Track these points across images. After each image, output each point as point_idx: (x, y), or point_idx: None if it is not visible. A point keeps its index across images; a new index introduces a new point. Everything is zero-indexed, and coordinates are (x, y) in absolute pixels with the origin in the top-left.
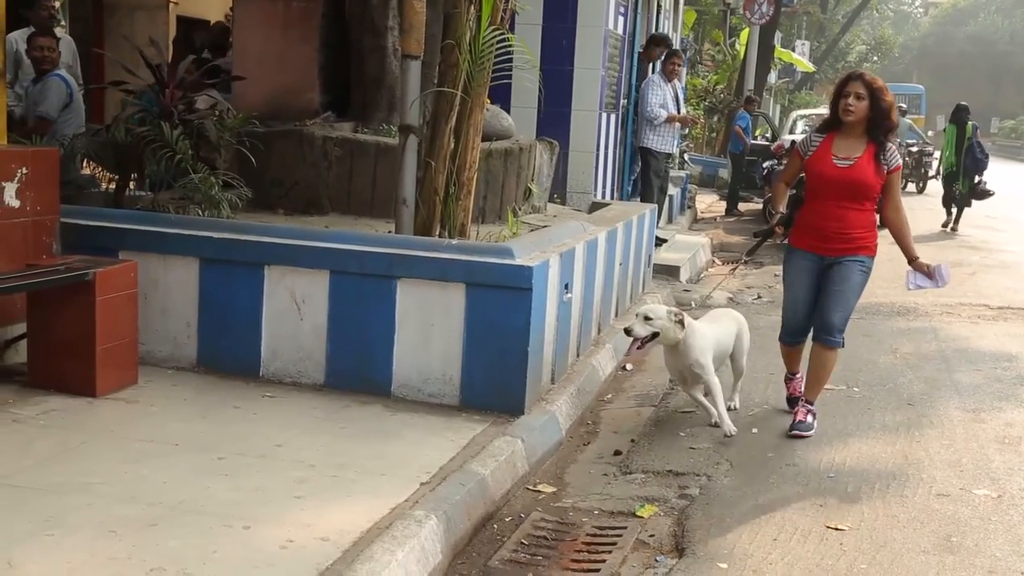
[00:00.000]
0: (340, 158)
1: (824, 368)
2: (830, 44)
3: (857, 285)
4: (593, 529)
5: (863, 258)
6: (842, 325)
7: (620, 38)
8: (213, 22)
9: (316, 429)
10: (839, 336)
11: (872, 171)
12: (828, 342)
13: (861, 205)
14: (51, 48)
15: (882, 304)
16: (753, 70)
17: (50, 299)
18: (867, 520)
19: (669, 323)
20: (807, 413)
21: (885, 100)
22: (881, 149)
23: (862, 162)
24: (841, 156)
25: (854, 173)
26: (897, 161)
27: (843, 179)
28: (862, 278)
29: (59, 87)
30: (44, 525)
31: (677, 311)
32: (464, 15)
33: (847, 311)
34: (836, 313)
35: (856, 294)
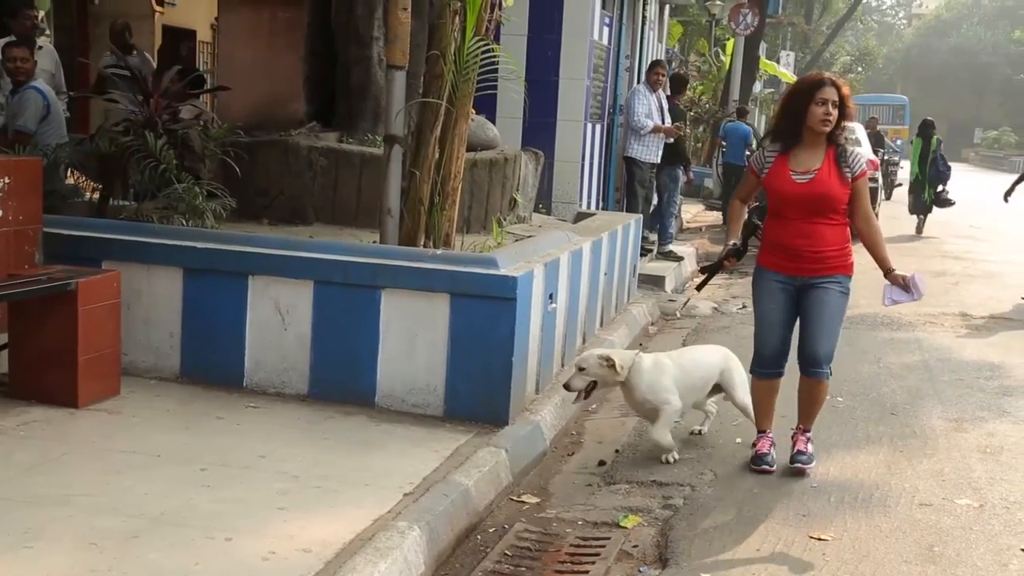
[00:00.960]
0: (325, 168)
1: (815, 401)
2: (815, 55)
3: (839, 309)
4: (577, 540)
5: (840, 278)
6: (830, 356)
7: (605, 49)
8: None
9: (300, 440)
10: (827, 367)
11: (836, 182)
12: (817, 375)
13: (831, 220)
14: (25, 59)
15: (866, 314)
16: (738, 81)
17: (32, 309)
18: (850, 530)
19: (600, 369)
20: (807, 442)
21: (851, 108)
22: (842, 155)
23: (823, 174)
24: (800, 171)
25: (816, 187)
26: (862, 166)
27: (806, 195)
28: (842, 300)
29: (36, 100)
30: (23, 537)
31: (606, 355)
32: (449, 26)
33: (834, 339)
34: (822, 344)
35: (840, 319)
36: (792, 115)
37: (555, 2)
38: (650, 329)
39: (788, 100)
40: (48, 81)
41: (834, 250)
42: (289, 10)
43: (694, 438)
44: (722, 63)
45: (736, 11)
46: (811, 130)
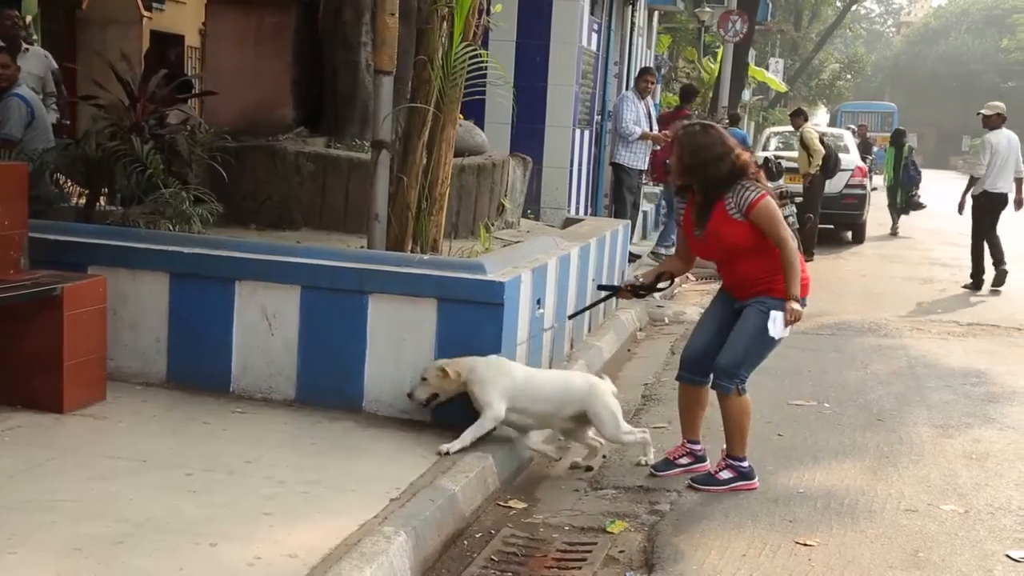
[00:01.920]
0: (313, 173)
1: (726, 417)
2: (804, 62)
3: (752, 327)
4: (563, 545)
5: (763, 298)
6: (729, 368)
7: (594, 55)
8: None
9: (286, 445)
10: (727, 380)
11: (729, 228)
12: (716, 386)
13: (752, 257)
14: (6, 65)
15: (852, 321)
16: (728, 88)
17: (17, 314)
18: (836, 535)
19: (438, 380)
20: (725, 467)
21: (693, 158)
22: (710, 204)
23: (713, 224)
24: (698, 226)
25: (713, 241)
26: (750, 197)
27: (707, 250)
28: (761, 319)
29: (19, 107)
30: (8, 543)
31: (440, 364)
32: (437, 31)
33: (736, 353)
34: (723, 354)
35: (751, 337)
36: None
37: (543, 8)
38: (638, 335)
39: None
40: (35, 84)
41: (760, 277)
42: (276, 15)
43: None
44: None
45: (725, 18)
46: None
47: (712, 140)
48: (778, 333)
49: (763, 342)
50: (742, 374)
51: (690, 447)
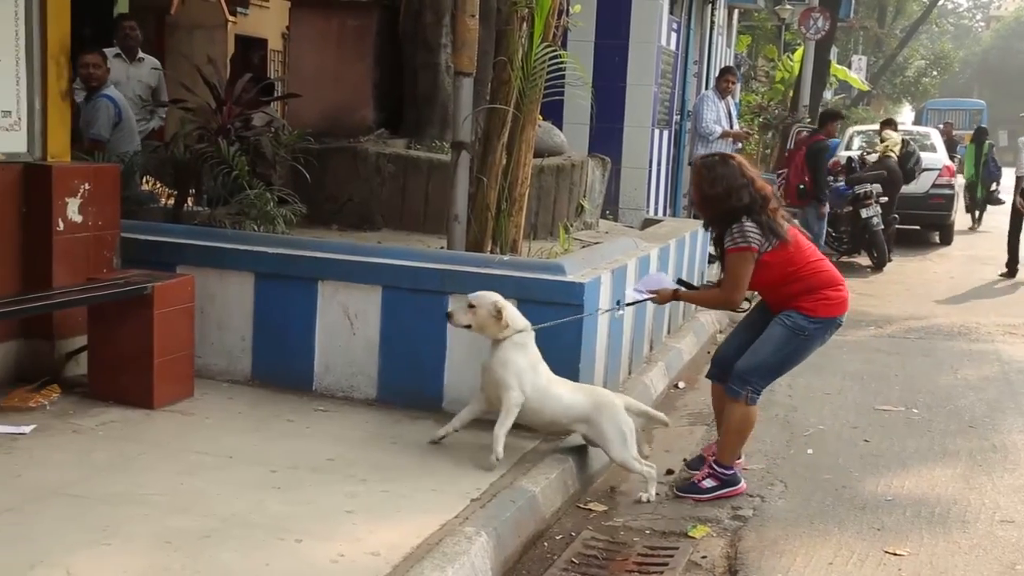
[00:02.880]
0: (393, 174)
1: (727, 423)
2: (888, 59)
3: (774, 335)
4: (644, 549)
5: (790, 312)
6: (742, 373)
7: (673, 54)
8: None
9: (367, 444)
10: (738, 385)
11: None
12: (727, 389)
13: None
14: (97, 65)
15: (941, 324)
16: (808, 86)
17: (110, 312)
18: (927, 546)
19: (487, 316)
20: (707, 476)
21: (709, 189)
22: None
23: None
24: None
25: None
26: (731, 244)
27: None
28: (783, 330)
29: (107, 108)
30: (101, 535)
31: (500, 304)
32: (516, 32)
33: (753, 360)
34: (744, 359)
35: (772, 345)
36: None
37: (623, 8)
38: (718, 337)
39: None
40: (144, 92)
41: (791, 298)
42: (358, 18)
43: (763, 447)
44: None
45: (807, 15)
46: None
47: (731, 172)
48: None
49: (784, 357)
50: (755, 382)
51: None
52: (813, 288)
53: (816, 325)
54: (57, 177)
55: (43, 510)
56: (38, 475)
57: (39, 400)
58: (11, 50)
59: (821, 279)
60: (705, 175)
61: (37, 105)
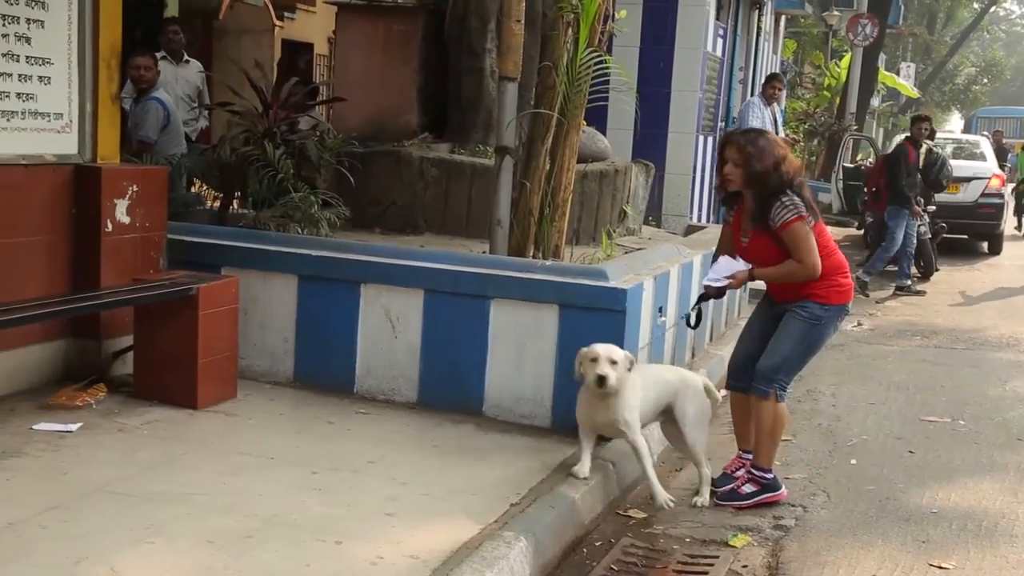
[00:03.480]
0: (436, 178)
1: (758, 423)
2: (937, 66)
3: (794, 330)
4: (684, 557)
5: (806, 303)
6: (767, 372)
7: (719, 60)
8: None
9: (408, 446)
10: (764, 384)
11: (766, 244)
12: (753, 389)
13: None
14: (148, 67)
15: (989, 336)
16: (855, 93)
17: (156, 313)
18: (973, 560)
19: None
20: (747, 480)
21: (759, 164)
22: (759, 215)
23: (754, 237)
24: (743, 230)
25: (753, 251)
26: (784, 218)
27: (749, 257)
28: (802, 324)
29: (156, 110)
30: (145, 533)
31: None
32: (562, 37)
33: (775, 357)
34: (763, 358)
35: (793, 340)
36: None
37: (668, 13)
38: None
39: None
40: (192, 93)
41: (800, 285)
42: (404, 23)
43: (805, 457)
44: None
45: (855, 21)
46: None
47: (772, 145)
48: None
49: (804, 349)
50: (781, 379)
51: (745, 458)
52: (826, 273)
53: (830, 313)
54: (106, 179)
55: (89, 507)
56: (84, 473)
57: (86, 399)
58: (64, 54)
59: (834, 263)
60: (752, 151)
61: (88, 108)
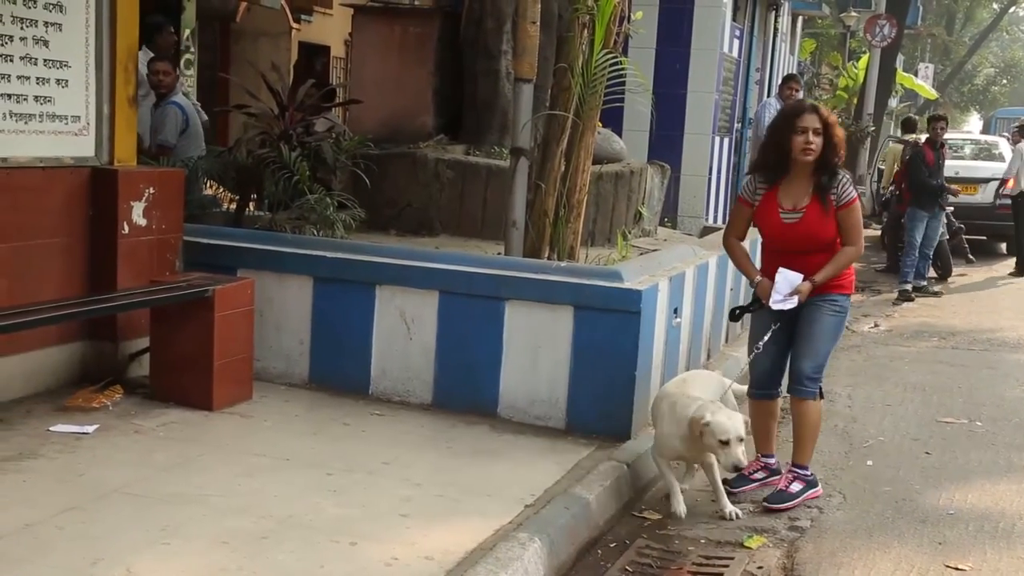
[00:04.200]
0: (452, 180)
1: (803, 423)
2: (955, 67)
3: (829, 327)
4: (699, 558)
5: (835, 296)
6: (814, 373)
7: (735, 61)
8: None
9: (423, 448)
10: (812, 386)
11: (823, 220)
12: (798, 392)
13: (825, 250)
14: (167, 72)
15: (1008, 337)
16: (873, 94)
17: (172, 315)
18: (990, 561)
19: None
20: (792, 480)
21: (838, 135)
22: (827, 188)
23: (810, 212)
24: (787, 207)
25: (803, 228)
26: (849, 195)
27: (794, 235)
28: (835, 319)
29: (175, 114)
30: (161, 534)
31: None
32: (577, 39)
33: (819, 357)
34: (805, 360)
35: (829, 336)
36: (776, 147)
37: (685, 15)
38: None
39: (771, 131)
40: None
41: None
42: (420, 25)
43: (821, 458)
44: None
45: (872, 22)
46: (796, 161)
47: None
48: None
49: (836, 341)
50: (820, 377)
51: (764, 461)
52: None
53: (849, 301)
54: (123, 181)
55: (105, 508)
56: (100, 474)
57: (102, 400)
58: (81, 57)
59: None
60: (833, 119)
61: (105, 111)
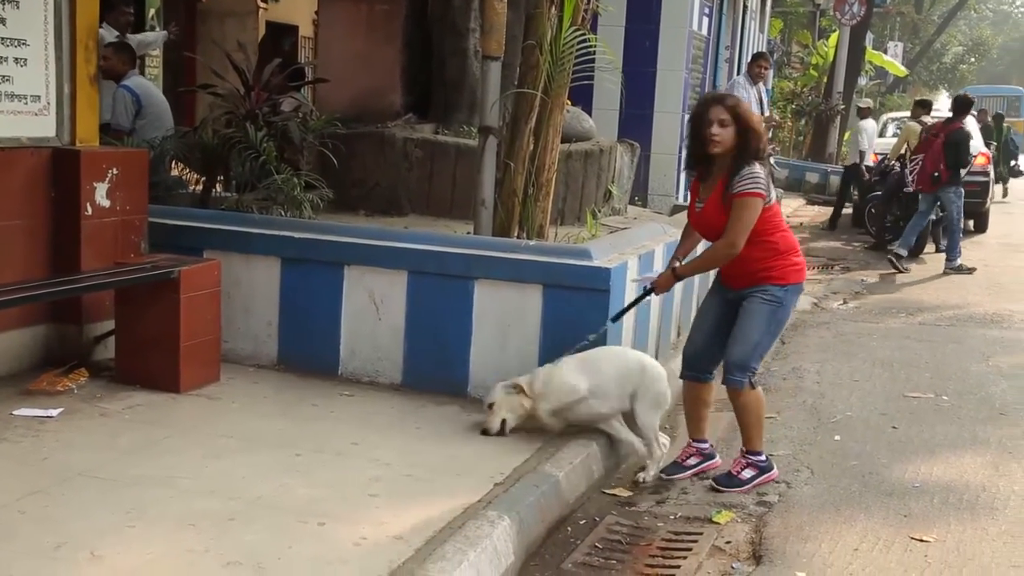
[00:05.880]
0: (420, 159)
1: (740, 412)
2: (924, 45)
3: (760, 317)
4: (668, 534)
5: (767, 287)
6: (741, 362)
7: (704, 39)
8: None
9: (392, 428)
10: (740, 375)
11: (720, 210)
12: (728, 381)
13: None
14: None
15: (974, 312)
16: (843, 73)
17: (137, 297)
18: (954, 532)
19: (509, 397)
20: (746, 466)
21: (750, 124)
22: (730, 178)
23: (711, 201)
24: (701, 197)
25: (704, 217)
26: (743, 188)
27: (701, 223)
28: (767, 308)
29: (123, 98)
30: (126, 517)
31: (513, 383)
32: (545, 15)
33: (747, 346)
34: (733, 349)
35: (760, 327)
36: (693, 138)
37: None
38: None
39: (689, 123)
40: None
41: (756, 265)
42: (387, 3)
43: (789, 433)
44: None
45: (842, 1)
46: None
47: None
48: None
49: (771, 332)
50: (753, 367)
51: (697, 446)
52: (781, 252)
53: (788, 292)
54: (85, 162)
55: (69, 492)
56: (65, 458)
57: (67, 384)
58: (40, 35)
59: (788, 242)
60: (742, 110)
61: (66, 90)
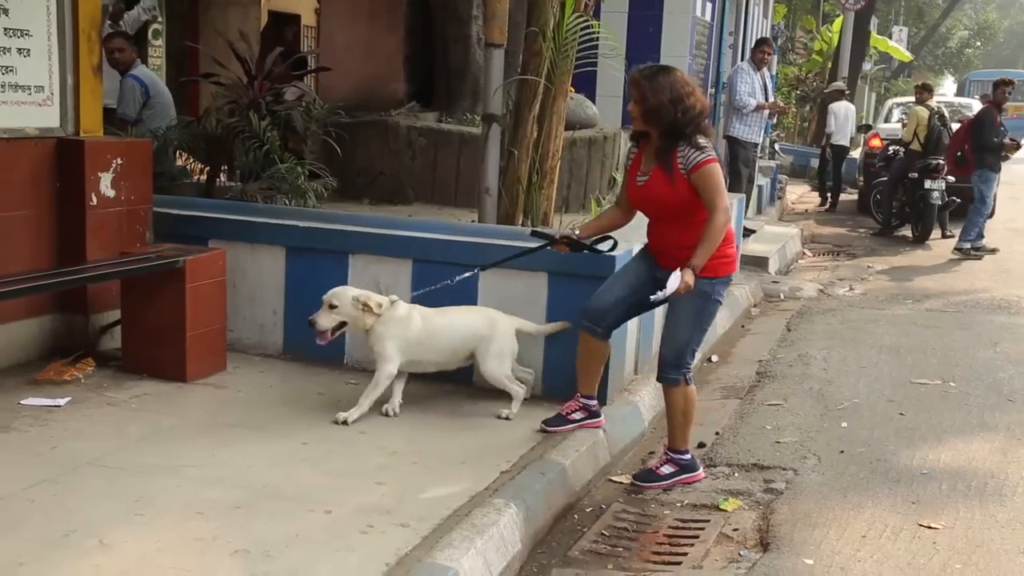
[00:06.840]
0: (424, 148)
1: (671, 409)
2: (929, 30)
3: (687, 313)
4: (675, 521)
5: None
6: (675, 360)
7: (708, 25)
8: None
9: (398, 416)
10: (673, 372)
11: (667, 185)
12: (661, 378)
13: (684, 222)
14: (120, 48)
15: (981, 298)
16: (847, 58)
17: (143, 286)
18: (963, 519)
19: (354, 310)
20: (666, 462)
21: (654, 98)
22: (666, 152)
23: (654, 176)
24: (642, 170)
25: (647, 191)
26: (696, 159)
27: (644, 198)
28: (694, 304)
29: (132, 88)
30: (135, 506)
31: (363, 296)
32: (548, 2)
33: (678, 343)
34: (665, 346)
35: (688, 323)
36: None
37: None
38: (752, 311)
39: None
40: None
41: (689, 247)
42: None
43: (796, 420)
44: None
45: None
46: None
47: (673, 82)
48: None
49: (701, 327)
50: (688, 362)
51: (584, 401)
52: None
53: (716, 284)
54: (90, 152)
55: (78, 481)
56: (73, 447)
57: (74, 373)
58: (43, 26)
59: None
60: (647, 85)
61: (70, 81)
